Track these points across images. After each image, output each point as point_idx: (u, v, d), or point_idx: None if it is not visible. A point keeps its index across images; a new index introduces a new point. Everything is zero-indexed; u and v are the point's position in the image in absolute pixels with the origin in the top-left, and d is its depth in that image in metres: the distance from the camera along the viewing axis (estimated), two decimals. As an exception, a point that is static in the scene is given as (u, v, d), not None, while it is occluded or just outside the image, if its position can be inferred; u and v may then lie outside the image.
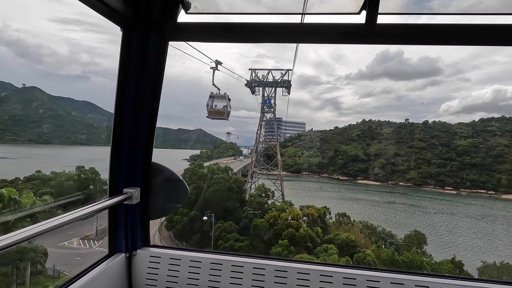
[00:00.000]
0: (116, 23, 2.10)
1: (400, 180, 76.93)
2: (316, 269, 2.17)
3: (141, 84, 2.28)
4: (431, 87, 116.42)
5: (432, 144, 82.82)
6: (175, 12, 2.25)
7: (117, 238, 2.41)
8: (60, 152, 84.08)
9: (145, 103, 2.30)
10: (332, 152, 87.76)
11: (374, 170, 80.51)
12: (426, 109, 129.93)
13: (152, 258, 2.38)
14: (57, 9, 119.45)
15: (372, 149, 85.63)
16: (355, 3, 2.02)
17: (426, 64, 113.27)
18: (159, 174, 2.46)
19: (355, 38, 2.13)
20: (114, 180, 2.35)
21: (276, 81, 47.19)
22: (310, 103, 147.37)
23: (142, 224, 2.46)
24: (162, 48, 2.27)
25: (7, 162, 63.51)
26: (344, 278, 2.12)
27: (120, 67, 2.21)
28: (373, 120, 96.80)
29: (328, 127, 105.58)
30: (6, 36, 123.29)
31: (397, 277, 2.10)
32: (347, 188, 70.97)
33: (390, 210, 54.87)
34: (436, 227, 45.67)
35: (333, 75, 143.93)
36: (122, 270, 2.33)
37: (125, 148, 2.33)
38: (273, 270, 2.19)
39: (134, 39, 2.22)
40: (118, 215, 2.40)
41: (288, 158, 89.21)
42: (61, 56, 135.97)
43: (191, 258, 2.32)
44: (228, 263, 2.27)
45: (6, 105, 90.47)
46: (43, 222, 1.52)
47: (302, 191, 65.31)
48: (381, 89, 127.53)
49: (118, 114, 2.28)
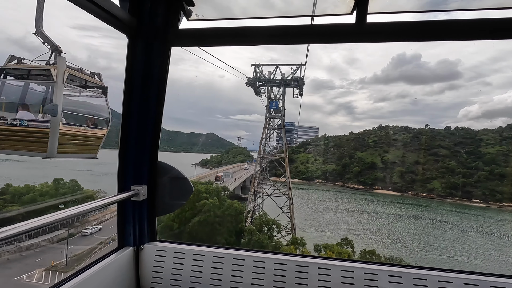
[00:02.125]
0: (122, 32, 2.20)
1: (421, 191, 69.71)
2: (315, 262, 2.19)
3: (146, 88, 2.36)
4: (450, 91, 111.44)
5: (456, 151, 75.24)
6: (177, 20, 2.36)
7: (125, 233, 2.46)
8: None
9: (150, 105, 2.38)
10: (346, 159, 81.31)
11: (393, 179, 73.57)
12: (443, 114, 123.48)
13: (158, 251, 2.43)
14: (77, 16, 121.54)
15: (390, 156, 78.76)
16: (347, 4, 2.10)
17: (445, 67, 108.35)
18: (165, 172, 2.51)
19: (346, 37, 2.21)
20: (122, 177, 2.41)
21: (285, 79, 36.69)
22: (323, 107, 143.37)
23: (149, 220, 2.52)
24: (165, 53, 2.36)
25: (18, 165, 61.84)
26: (342, 271, 2.14)
27: (127, 72, 2.32)
28: (391, 125, 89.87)
29: (342, 132, 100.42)
30: (28, 42, 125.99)
31: (394, 270, 2.09)
32: (365, 199, 64.19)
33: (416, 227, 47.76)
34: (485, 254, 36.60)
35: (347, 79, 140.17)
36: (130, 263, 2.38)
37: (132, 148, 2.40)
38: (273, 263, 2.22)
39: (139, 45, 2.31)
40: (126, 211, 2.46)
41: (300, 164, 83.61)
42: (79, 62, 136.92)
43: (195, 252, 2.37)
44: (230, 257, 2.30)
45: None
46: (50, 214, 1.50)
47: (316, 203, 59.32)
48: (396, 93, 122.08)
49: (125, 115, 2.36)
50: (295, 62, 37.11)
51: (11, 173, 49.80)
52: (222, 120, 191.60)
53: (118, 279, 2.23)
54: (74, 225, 26.01)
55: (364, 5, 2.01)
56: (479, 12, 2.11)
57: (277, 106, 37.28)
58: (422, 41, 2.24)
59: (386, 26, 2.08)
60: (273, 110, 37.78)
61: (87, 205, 1.79)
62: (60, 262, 23.29)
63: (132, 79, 2.33)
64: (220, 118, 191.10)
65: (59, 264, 23.23)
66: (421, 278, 2.02)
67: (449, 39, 2.14)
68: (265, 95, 37.69)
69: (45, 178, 47.96)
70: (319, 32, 2.18)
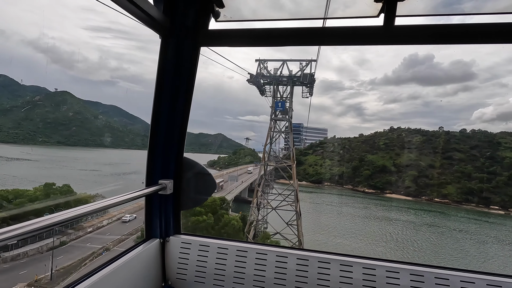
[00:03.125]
0: (155, 31, 2.25)
1: (435, 196, 66.22)
2: (336, 259, 2.18)
3: (176, 86, 2.40)
4: (463, 93, 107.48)
5: (473, 155, 71.30)
6: (207, 21, 2.38)
7: (152, 225, 2.50)
8: (83, 155, 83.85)
9: (178, 102, 2.42)
10: (357, 162, 78.21)
11: (405, 183, 70.17)
12: (456, 115, 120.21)
13: (183, 244, 2.47)
14: (90, 17, 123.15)
15: (402, 160, 75.32)
16: (374, 7, 2.10)
17: (459, 68, 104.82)
18: (190, 168, 2.55)
19: (373, 39, 2.19)
20: (151, 172, 2.45)
21: (293, 76, 31.45)
22: (332, 108, 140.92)
23: (174, 214, 2.55)
24: (194, 53, 2.40)
25: (28, 164, 61.96)
26: (364, 268, 2.12)
27: (159, 70, 2.34)
28: (402, 127, 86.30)
29: (351, 133, 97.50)
30: (42, 43, 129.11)
31: (416, 269, 2.06)
32: (376, 204, 60.98)
33: (434, 236, 44.31)
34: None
35: (357, 80, 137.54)
36: (156, 254, 2.42)
37: (160, 144, 2.43)
38: (295, 258, 2.22)
39: (171, 45, 2.35)
40: (153, 204, 2.50)
41: (309, 167, 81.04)
42: (91, 62, 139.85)
43: (219, 245, 2.39)
44: (253, 251, 2.31)
45: (39, 109, 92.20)
46: (80, 206, 1.51)
47: (325, 208, 56.56)
48: (408, 95, 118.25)
49: (155, 112, 2.38)
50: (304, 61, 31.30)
51: (19, 172, 49.57)
52: (230, 121, 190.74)
53: (145, 269, 2.27)
54: (66, 232, 24.46)
55: (392, 8, 2.01)
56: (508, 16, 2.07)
57: (283, 107, 31.98)
58: (451, 44, 2.16)
59: (414, 29, 2.07)
60: (279, 111, 32.60)
61: (117, 198, 1.80)
62: (44, 276, 20.85)
63: (163, 78, 2.37)
64: (228, 119, 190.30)
65: (44, 278, 20.73)
66: (443, 278, 1.99)
67: (480, 42, 2.10)
68: (271, 95, 32.79)
69: (50, 179, 47.22)
70: (347, 34, 2.17)
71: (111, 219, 29.44)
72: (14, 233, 1.17)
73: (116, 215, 28.81)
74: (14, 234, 1.17)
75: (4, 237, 1.14)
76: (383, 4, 2.01)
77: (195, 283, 2.37)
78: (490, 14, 2.04)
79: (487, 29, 1.95)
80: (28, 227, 1.21)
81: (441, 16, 2.16)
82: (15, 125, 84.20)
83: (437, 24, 2.01)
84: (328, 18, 2.26)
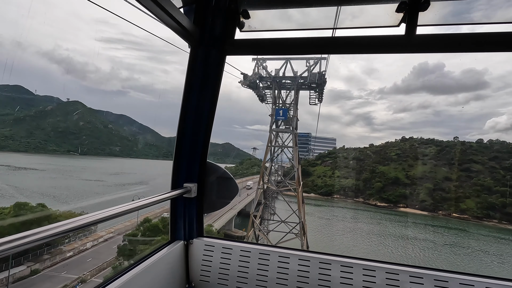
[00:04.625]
0: (186, 41, 2.35)
1: (453, 211, 61.38)
2: (358, 263, 2.17)
3: (202, 93, 2.45)
4: (475, 102, 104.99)
5: (492, 167, 66.49)
6: (233, 31, 2.46)
7: (177, 227, 2.53)
8: (92, 164, 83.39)
9: (204, 110, 2.47)
10: (367, 173, 74.16)
11: (420, 196, 65.64)
12: (468, 125, 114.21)
13: (206, 246, 2.49)
14: (103, 29, 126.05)
15: (416, 171, 70.87)
16: (395, 17, 2.15)
17: (471, 77, 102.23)
18: (213, 172, 2.58)
19: (394, 48, 2.21)
20: (176, 176, 2.50)
21: (298, 77, 24.66)
22: (340, 117, 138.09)
23: (198, 216, 2.58)
24: (221, 61, 2.47)
25: (34, 174, 61.12)
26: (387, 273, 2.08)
27: (187, 78, 2.43)
28: (415, 137, 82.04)
29: (360, 143, 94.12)
30: (57, 54, 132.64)
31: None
32: (390, 220, 56.50)
33: (459, 258, 39.46)
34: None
35: (365, 90, 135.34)
36: (181, 256, 2.45)
37: (186, 148, 2.49)
38: (318, 262, 2.23)
39: (199, 54, 2.43)
40: (178, 206, 2.53)
41: (317, 178, 77.50)
42: (103, 73, 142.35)
43: (242, 248, 2.40)
44: (276, 254, 2.31)
45: (51, 118, 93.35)
46: (105, 209, 1.53)
47: (335, 224, 52.47)
48: (418, 104, 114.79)
49: (182, 118, 2.45)
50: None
51: (23, 183, 48.36)
52: (238, 130, 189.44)
53: (170, 271, 2.30)
54: (42, 259, 21.33)
55: (414, 18, 2.05)
56: None
57: (285, 115, 25.46)
58: (475, 52, 2.17)
59: (436, 38, 2.08)
60: (281, 121, 26.20)
61: (144, 201, 1.83)
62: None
63: (191, 85, 2.43)
64: (237, 128, 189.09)
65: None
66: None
67: (502, 51, 2.07)
68: (272, 101, 26.15)
69: (52, 190, 45.57)
70: (369, 43, 2.20)
71: (97, 240, 25.62)
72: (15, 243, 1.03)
73: (104, 235, 25.83)
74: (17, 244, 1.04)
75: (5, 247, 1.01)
76: (405, 14, 2.06)
77: (218, 285, 2.37)
78: (502, 23, 2.10)
79: (503, 38, 1.99)
80: (40, 234, 1.12)
81: (457, 25, 2.19)
82: (28, 134, 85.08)
83: (459, 33, 2.03)
84: (348, 28, 2.28)
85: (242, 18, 2.39)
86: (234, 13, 2.36)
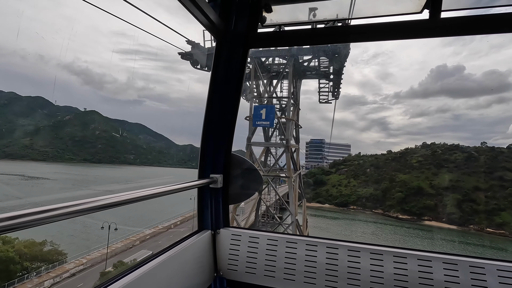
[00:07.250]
0: (213, 35, 2.40)
1: (486, 225, 53.88)
2: (388, 250, 2.13)
3: (227, 87, 2.47)
4: (498, 105, 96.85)
5: (529, 176, 58.23)
6: (256, 25, 2.51)
7: (204, 217, 2.56)
8: (105, 173, 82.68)
9: (228, 101, 2.49)
10: (386, 182, 67.74)
11: (447, 208, 58.51)
12: (490, 129, 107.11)
13: (233, 236, 2.50)
14: (121, 41, 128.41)
15: (441, 181, 63.72)
16: (417, 3, 2.10)
17: (494, 79, 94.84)
18: (238, 164, 2.59)
19: (420, 32, 2.15)
20: (203, 166, 2.52)
21: (295, 55, 15.32)
22: (354, 123, 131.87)
23: (223, 207, 2.61)
24: (244, 54, 2.50)
25: (45, 184, 60.19)
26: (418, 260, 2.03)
27: (213, 71, 2.45)
28: (437, 143, 74.71)
29: (376, 149, 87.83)
30: (76, 66, 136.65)
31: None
32: (416, 235, 50.13)
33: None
34: None
35: (380, 95, 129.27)
36: (208, 245, 2.46)
37: (212, 140, 2.52)
38: (346, 250, 2.20)
39: (224, 47, 2.46)
40: (204, 196, 2.56)
41: (332, 187, 71.93)
42: (120, 83, 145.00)
43: (269, 237, 2.40)
44: (303, 243, 2.31)
45: (68, 127, 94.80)
46: (137, 190, 1.54)
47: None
48: (436, 108, 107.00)
49: (208, 110, 2.47)
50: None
51: (28, 192, 47.01)
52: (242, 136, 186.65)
53: (198, 259, 2.31)
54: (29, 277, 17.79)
55: (438, 3, 2.01)
56: None
57: (271, 119, 14.44)
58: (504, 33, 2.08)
59: (462, 20, 2.05)
60: (269, 128, 15.02)
61: (171, 186, 1.84)
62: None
63: (216, 78, 2.44)
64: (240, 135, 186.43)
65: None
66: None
67: None
68: (248, 95, 15.90)
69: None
70: (391, 29, 2.18)
71: (61, 276, 20.96)
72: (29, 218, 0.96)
73: (70, 269, 22.14)
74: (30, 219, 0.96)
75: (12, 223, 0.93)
76: (427, 1, 2.03)
77: (246, 274, 2.38)
78: None
79: None
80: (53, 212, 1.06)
81: (484, 8, 2.07)
82: (47, 143, 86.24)
83: (486, 14, 1.95)
84: (374, 17, 2.26)
85: (264, 12, 2.44)
86: (257, 7, 2.41)
